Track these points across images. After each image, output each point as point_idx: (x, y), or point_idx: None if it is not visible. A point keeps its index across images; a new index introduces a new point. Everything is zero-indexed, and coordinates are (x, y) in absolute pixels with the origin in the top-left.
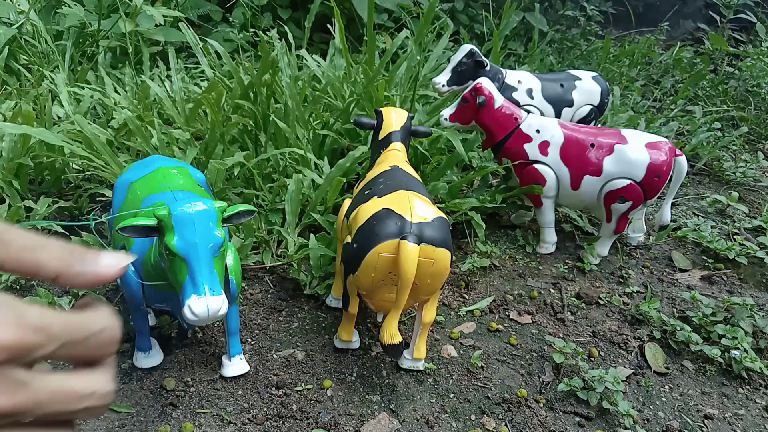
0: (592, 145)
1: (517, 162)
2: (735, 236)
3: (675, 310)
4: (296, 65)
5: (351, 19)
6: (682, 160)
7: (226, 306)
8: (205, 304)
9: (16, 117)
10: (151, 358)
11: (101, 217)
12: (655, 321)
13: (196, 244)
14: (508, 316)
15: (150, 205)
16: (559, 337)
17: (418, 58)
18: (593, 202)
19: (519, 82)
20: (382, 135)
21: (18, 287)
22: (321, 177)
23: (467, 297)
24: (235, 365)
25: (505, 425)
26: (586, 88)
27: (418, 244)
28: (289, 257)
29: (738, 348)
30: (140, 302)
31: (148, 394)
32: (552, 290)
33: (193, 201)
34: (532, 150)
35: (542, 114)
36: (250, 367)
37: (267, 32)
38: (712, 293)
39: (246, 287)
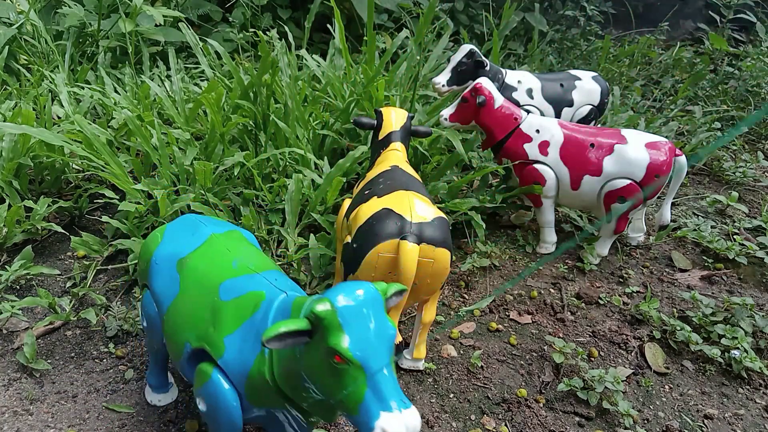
0: (592, 145)
1: (517, 162)
2: (735, 236)
3: (675, 310)
4: (296, 65)
5: (351, 19)
6: (682, 160)
7: (419, 420)
8: (402, 423)
9: (16, 117)
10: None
11: None
12: (655, 321)
13: (373, 344)
14: (508, 316)
15: (244, 296)
16: (559, 337)
17: (418, 58)
18: (593, 202)
19: (519, 82)
20: (382, 135)
21: (18, 287)
22: (321, 177)
23: (467, 297)
24: None
25: (505, 425)
26: (586, 88)
27: (418, 244)
28: (289, 257)
29: (738, 348)
30: (238, 427)
31: None
32: (552, 290)
33: (354, 288)
34: (532, 150)
35: (542, 114)
36: None
37: (267, 32)
38: (712, 293)
39: None
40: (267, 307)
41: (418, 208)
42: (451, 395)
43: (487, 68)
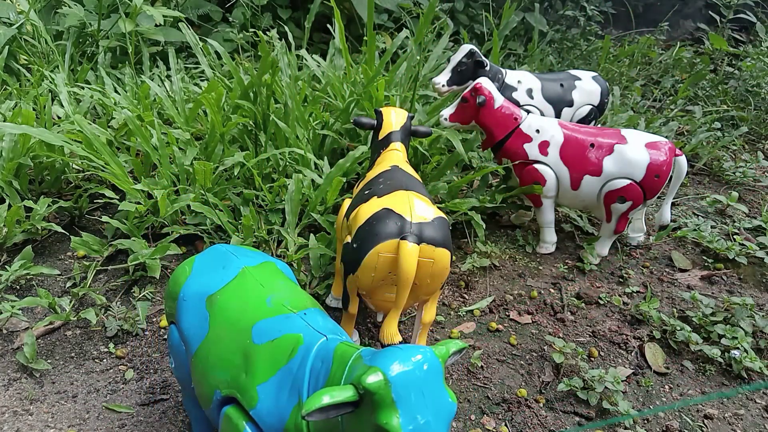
0: (592, 145)
1: (517, 162)
2: (735, 236)
3: (675, 310)
4: (296, 65)
5: (351, 19)
6: (682, 160)
7: None
8: None
9: (16, 117)
10: None
11: None
12: (655, 321)
13: (430, 426)
14: (508, 316)
15: (279, 339)
16: (559, 337)
17: (418, 58)
18: (593, 202)
19: (519, 82)
20: (382, 135)
21: (18, 287)
22: (321, 177)
23: (467, 297)
24: None
25: (505, 425)
26: (586, 88)
27: (418, 244)
28: (289, 257)
29: (738, 348)
30: None
31: (148, 395)
32: (552, 290)
33: (409, 354)
34: (532, 150)
35: (542, 114)
36: None
37: (267, 32)
38: (712, 293)
39: None
40: (305, 353)
41: (418, 208)
42: None
43: (487, 68)
